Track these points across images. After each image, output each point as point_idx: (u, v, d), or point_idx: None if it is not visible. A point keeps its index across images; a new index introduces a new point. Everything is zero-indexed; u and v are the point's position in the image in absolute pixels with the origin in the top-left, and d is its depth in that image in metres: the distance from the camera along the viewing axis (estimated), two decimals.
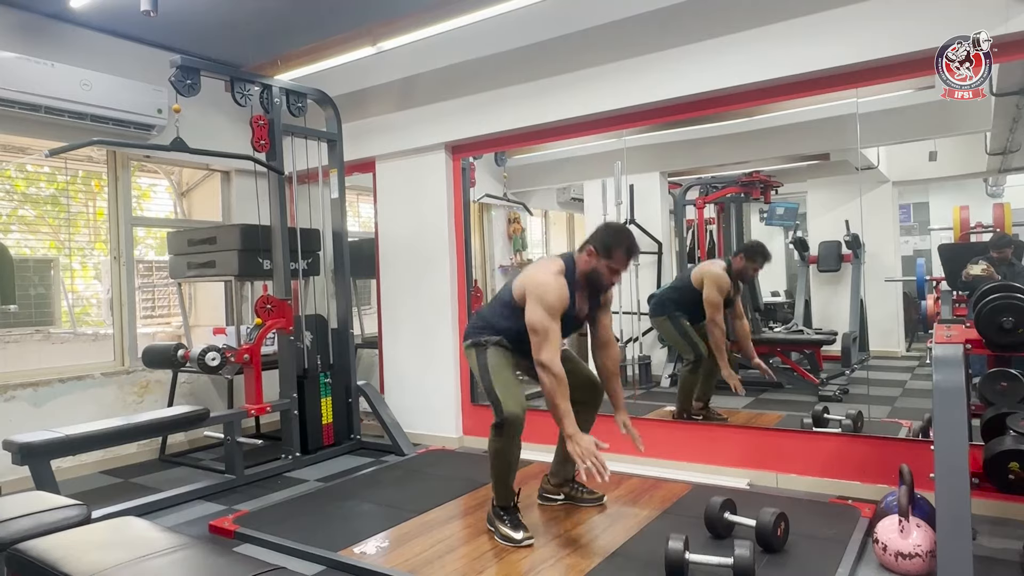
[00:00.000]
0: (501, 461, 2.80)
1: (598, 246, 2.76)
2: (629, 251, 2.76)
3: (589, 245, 2.79)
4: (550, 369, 2.65)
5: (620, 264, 2.76)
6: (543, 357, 2.66)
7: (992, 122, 3.81)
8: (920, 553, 2.38)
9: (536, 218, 6.53)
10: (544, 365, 2.66)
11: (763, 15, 3.43)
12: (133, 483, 4.11)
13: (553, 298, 2.70)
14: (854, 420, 3.60)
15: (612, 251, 2.74)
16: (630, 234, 2.81)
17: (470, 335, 2.98)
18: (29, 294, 4.44)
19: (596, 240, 2.78)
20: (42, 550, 1.91)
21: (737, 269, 4.02)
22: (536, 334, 2.69)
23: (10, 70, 3.84)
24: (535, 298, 2.71)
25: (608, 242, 2.75)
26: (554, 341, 2.69)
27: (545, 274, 2.77)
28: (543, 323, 2.68)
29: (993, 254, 3.86)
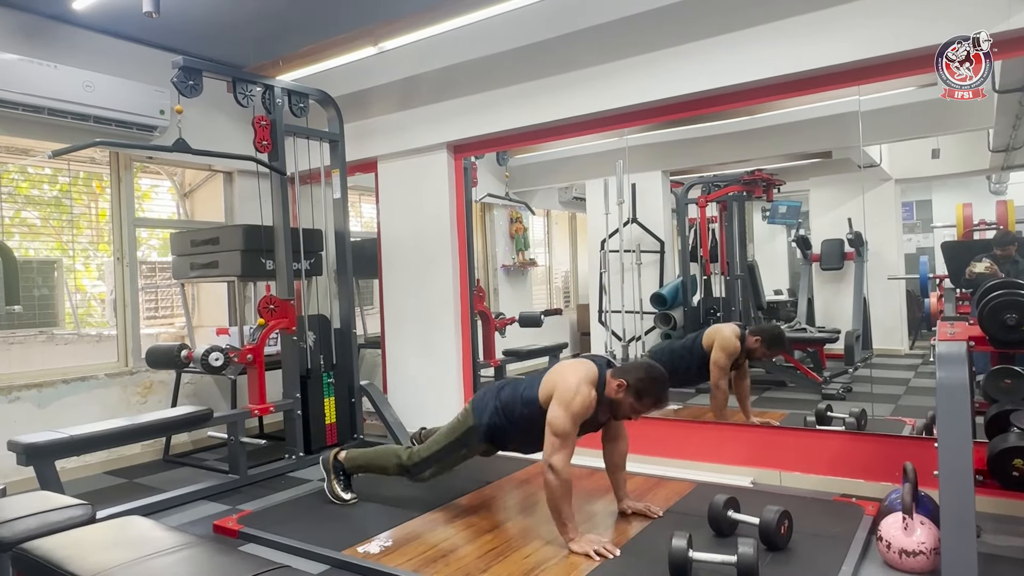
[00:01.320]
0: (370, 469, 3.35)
1: (631, 384, 2.71)
2: (657, 403, 2.73)
3: (623, 378, 2.73)
4: (560, 475, 2.62)
5: (644, 409, 2.72)
6: (556, 461, 2.62)
7: (995, 119, 3.80)
8: (924, 550, 2.38)
9: (538, 217, 6.53)
10: (555, 469, 2.62)
11: (764, 13, 3.42)
12: (137, 483, 4.12)
13: (580, 407, 2.66)
14: (858, 418, 3.60)
15: (642, 397, 2.70)
16: (665, 386, 2.75)
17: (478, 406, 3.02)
18: (33, 295, 4.45)
19: (631, 377, 2.72)
20: (47, 549, 1.92)
21: (749, 347, 3.95)
22: (555, 436, 2.65)
23: (13, 72, 3.85)
24: (563, 402, 2.67)
25: (641, 388, 2.70)
26: (569, 448, 2.66)
27: (578, 380, 2.71)
28: (564, 429, 2.64)
29: (997, 252, 3.85)
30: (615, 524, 2.97)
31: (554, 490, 2.65)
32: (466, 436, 3.04)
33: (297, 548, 2.86)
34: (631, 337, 4.98)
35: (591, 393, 2.70)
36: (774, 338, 3.99)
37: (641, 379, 2.71)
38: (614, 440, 3.03)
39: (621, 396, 2.72)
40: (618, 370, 2.79)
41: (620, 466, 3.06)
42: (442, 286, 4.75)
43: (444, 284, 4.74)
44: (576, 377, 2.72)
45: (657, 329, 5.01)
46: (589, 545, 2.64)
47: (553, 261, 6.73)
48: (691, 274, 5.00)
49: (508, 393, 2.97)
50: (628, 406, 2.73)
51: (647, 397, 2.70)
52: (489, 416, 2.97)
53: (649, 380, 2.72)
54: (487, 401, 3.02)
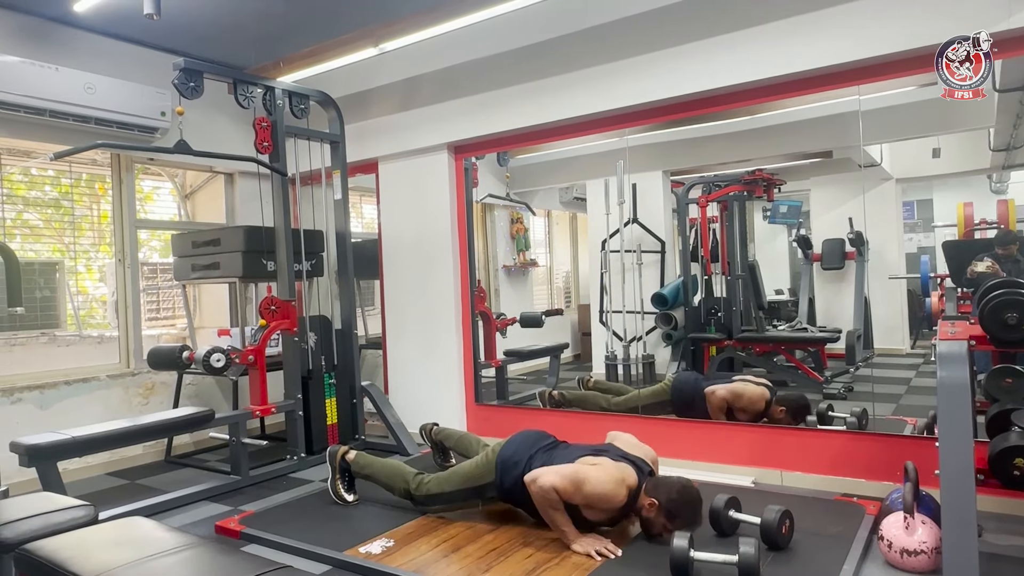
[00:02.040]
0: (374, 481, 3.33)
1: (663, 505, 2.66)
2: (689, 525, 2.62)
3: (655, 498, 2.68)
4: (545, 491, 2.64)
5: (674, 529, 2.57)
6: (543, 481, 2.65)
7: (995, 118, 3.80)
8: (926, 550, 2.38)
9: (539, 218, 6.53)
10: (541, 487, 2.65)
11: (764, 13, 3.42)
12: (139, 484, 4.12)
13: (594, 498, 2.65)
14: (859, 418, 3.60)
15: (674, 519, 2.64)
16: (699, 508, 2.67)
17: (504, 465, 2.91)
18: (35, 297, 4.46)
19: (663, 496, 2.67)
20: (50, 550, 1.92)
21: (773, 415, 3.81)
22: (559, 476, 2.65)
23: (15, 74, 3.86)
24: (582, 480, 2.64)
25: (674, 510, 2.65)
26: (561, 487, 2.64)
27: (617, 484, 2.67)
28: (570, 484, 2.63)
29: (998, 251, 3.84)
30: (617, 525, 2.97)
31: (542, 503, 2.68)
32: (483, 489, 2.99)
33: (299, 549, 2.86)
34: (632, 337, 4.99)
35: (623, 495, 2.68)
36: (799, 409, 3.80)
37: (674, 500, 2.65)
38: None
39: (652, 515, 2.68)
40: (651, 486, 2.72)
41: None
42: (443, 286, 4.75)
43: (445, 284, 4.75)
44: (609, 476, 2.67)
45: (659, 329, 5.02)
46: (591, 545, 2.65)
47: (554, 261, 6.73)
48: (692, 274, 5.00)
49: (539, 463, 2.83)
50: (660, 526, 2.67)
51: (679, 519, 2.63)
52: (512, 482, 2.86)
53: (682, 504, 2.65)
54: (516, 463, 2.88)
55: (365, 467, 3.38)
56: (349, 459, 3.42)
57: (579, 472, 2.67)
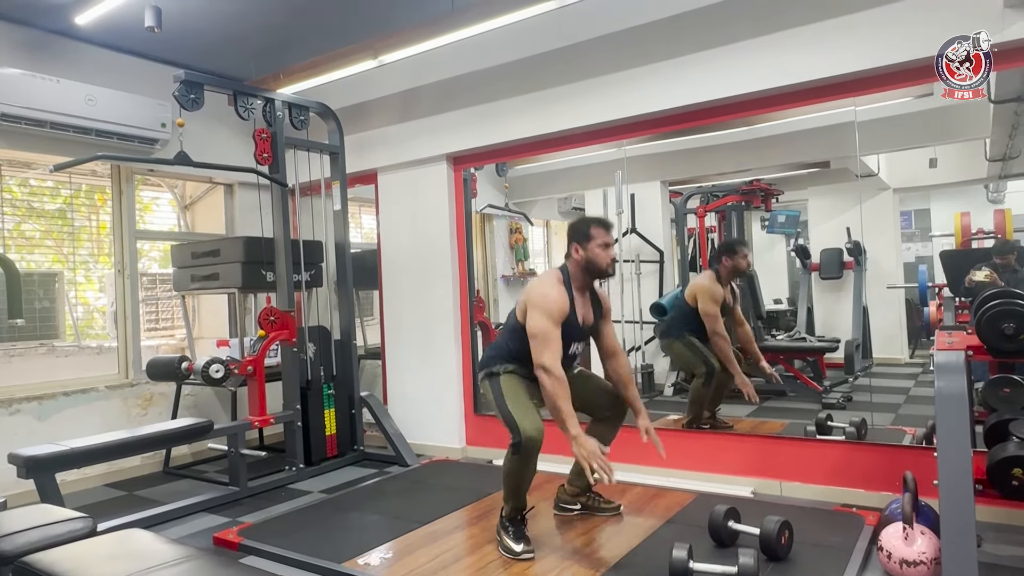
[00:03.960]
0: (514, 480, 2.81)
1: (576, 239, 2.89)
2: (601, 222, 2.90)
3: (571, 245, 2.92)
4: (552, 372, 2.68)
5: (603, 237, 2.87)
6: (544, 361, 2.69)
7: (991, 129, 3.83)
8: (925, 560, 2.38)
9: (538, 228, 6.54)
10: (545, 368, 2.69)
11: (759, 26, 3.45)
12: (137, 496, 4.11)
13: (552, 305, 2.76)
14: (858, 427, 3.60)
15: (588, 232, 2.87)
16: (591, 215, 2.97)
17: (483, 365, 2.99)
18: (34, 307, 4.46)
19: (572, 237, 2.92)
20: (49, 563, 1.92)
21: (727, 271, 4.03)
22: (536, 339, 2.74)
23: (16, 86, 3.88)
24: (535, 307, 2.78)
25: (581, 228, 2.90)
26: (554, 346, 2.72)
27: (543, 284, 2.87)
28: (543, 328, 2.73)
29: (996, 260, 3.86)
30: (617, 535, 2.96)
31: (549, 389, 2.69)
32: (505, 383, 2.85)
33: (298, 560, 2.85)
34: (631, 347, 4.99)
35: (560, 290, 2.83)
36: (729, 246, 4.11)
37: (574, 230, 2.92)
38: (612, 355, 3.08)
39: (582, 252, 2.88)
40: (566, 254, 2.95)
41: (628, 379, 3.06)
42: (442, 297, 4.76)
43: (444, 295, 4.75)
44: (541, 285, 2.87)
45: (657, 339, 5.01)
46: (591, 456, 2.57)
47: None
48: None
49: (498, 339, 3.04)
50: (595, 249, 2.85)
51: (591, 227, 2.87)
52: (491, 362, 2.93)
53: (577, 222, 2.95)
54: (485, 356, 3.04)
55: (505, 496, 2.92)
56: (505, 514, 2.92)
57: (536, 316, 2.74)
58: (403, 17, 3.95)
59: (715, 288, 4.00)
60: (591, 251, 2.86)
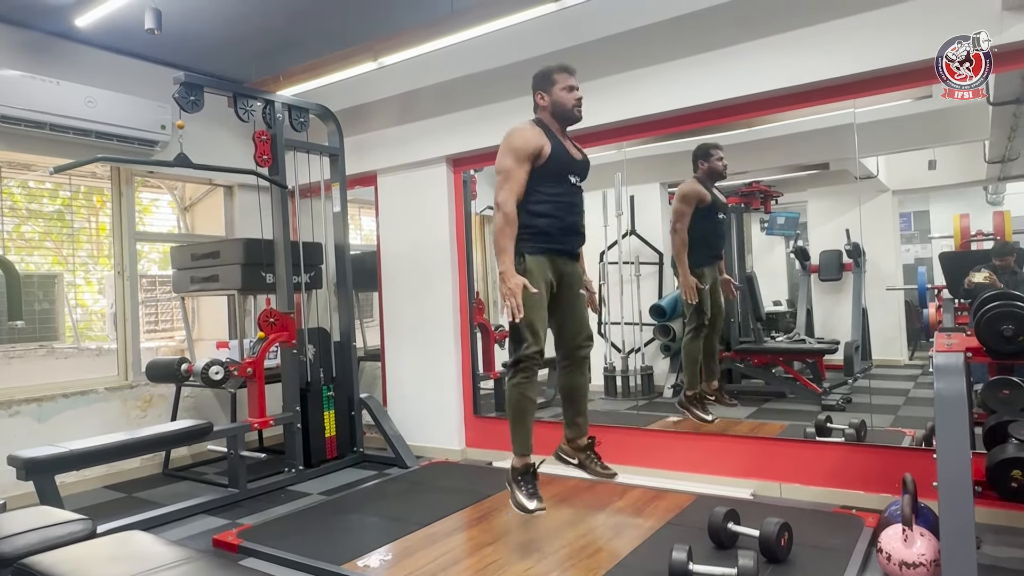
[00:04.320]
0: (518, 407, 2.82)
1: (540, 86, 2.91)
2: (561, 66, 2.90)
3: (536, 94, 2.93)
4: (503, 208, 2.74)
5: (565, 80, 2.87)
6: (499, 197, 2.75)
7: (990, 131, 3.83)
8: (924, 562, 2.38)
9: None
10: (499, 204, 2.75)
11: (759, 28, 3.46)
12: (136, 498, 4.11)
13: (517, 139, 2.79)
14: (857, 429, 3.60)
15: (551, 77, 2.88)
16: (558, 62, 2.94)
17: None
18: (33, 309, 4.46)
19: (535, 87, 2.93)
20: (48, 564, 1.91)
21: (704, 173, 4.05)
22: (499, 175, 2.78)
23: (16, 88, 3.88)
24: (503, 147, 2.81)
25: (543, 76, 2.90)
26: (513, 184, 2.76)
27: (514, 127, 2.87)
28: (504, 165, 2.77)
29: (995, 262, 3.86)
30: (615, 537, 2.96)
31: (497, 224, 2.75)
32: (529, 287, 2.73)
33: (297, 562, 2.85)
34: (630, 349, 4.99)
35: (529, 126, 2.84)
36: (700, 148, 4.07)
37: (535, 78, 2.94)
38: None
39: (548, 99, 2.89)
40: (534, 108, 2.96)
41: None
42: (442, 298, 4.76)
43: (444, 296, 4.75)
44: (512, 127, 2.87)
45: (657, 340, 5.02)
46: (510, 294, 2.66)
47: None
48: None
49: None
50: (559, 94, 2.86)
51: (552, 73, 2.88)
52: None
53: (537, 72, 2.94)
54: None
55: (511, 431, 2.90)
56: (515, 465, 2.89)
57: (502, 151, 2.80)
58: (403, 19, 3.96)
59: (690, 186, 4.03)
60: (555, 95, 2.87)
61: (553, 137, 2.86)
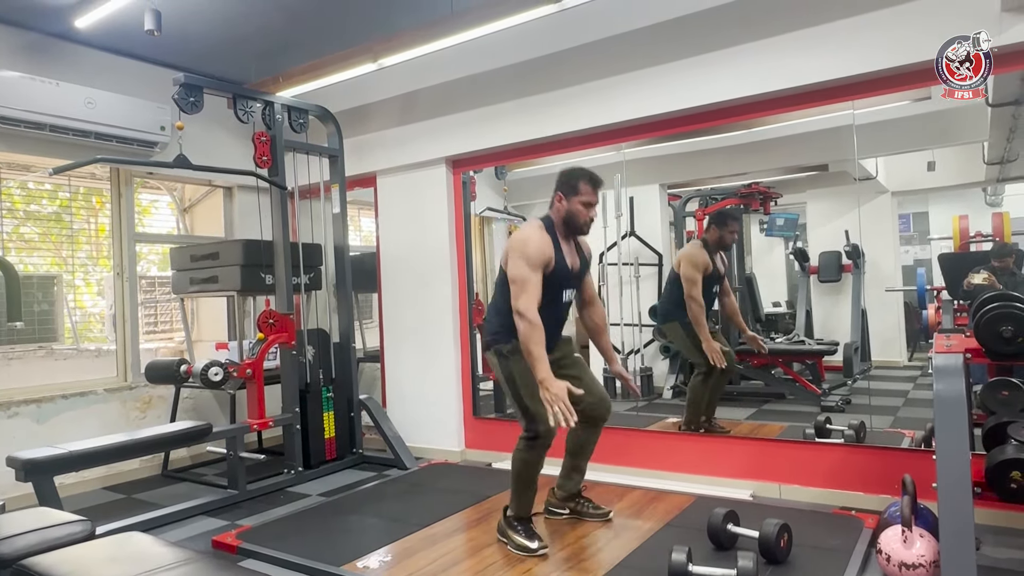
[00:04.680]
0: (528, 474, 2.84)
1: (563, 189, 2.87)
2: (591, 180, 2.86)
3: (556, 193, 2.89)
4: (526, 316, 2.67)
5: (588, 195, 2.85)
6: (520, 305, 2.69)
7: (989, 132, 3.84)
8: (924, 563, 2.38)
9: None
10: (520, 312, 2.69)
11: (758, 29, 3.46)
12: (136, 499, 4.11)
13: (532, 249, 2.75)
14: (856, 430, 3.60)
15: (576, 186, 2.84)
16: (588, 171, 2.89)
17: (490, 340, 2.94)
18: (33, 311, 4.46)
19: (559, 185, 2.89)
20: (47, 566, 1.91)
21: (713, 241, 4.07)
22: (515, 284, 2.73)
23: (15, 89, 3.88)
24: (516, 253, 2.77)
25: (570, 180, 2.86)
26: (531, 290, 2.71)
27: (524, 231, 2.85)
28: (521, 273, 2.72)
29: (994, 263, 3.87)
30: (616, 538, 2.96)
31: (523, 332, 2.68)
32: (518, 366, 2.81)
33: (296, 564, 2.85)
34: (630, 350, 4.99)
35: (541, 235, 2.81)
36: (721, 216, 4.11)
37: (563, 181, 2.88)
38: (590, 303, 3.12)
39: (564, 203, 2.86)
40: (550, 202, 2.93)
41: (602, 328, 3.15)
42: (441, 300, 4.76)
43: (443, 298, 4.75)
44: (522, 232, 2.84)
45: (656, 342, 5.02)
46: (555, 399, 2.56)
47: None
48: None
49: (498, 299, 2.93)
50: (577, 205, 2.83)
51: (579, 181, 2.83)
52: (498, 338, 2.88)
53: (569, 172, 2.89)
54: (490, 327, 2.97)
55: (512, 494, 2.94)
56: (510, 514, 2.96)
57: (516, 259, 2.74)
58: (402, 20, 3.96)
59: (698, 254, 4.04)
60: (573, 205, 2.84)
61: (558, 248, 2.84)
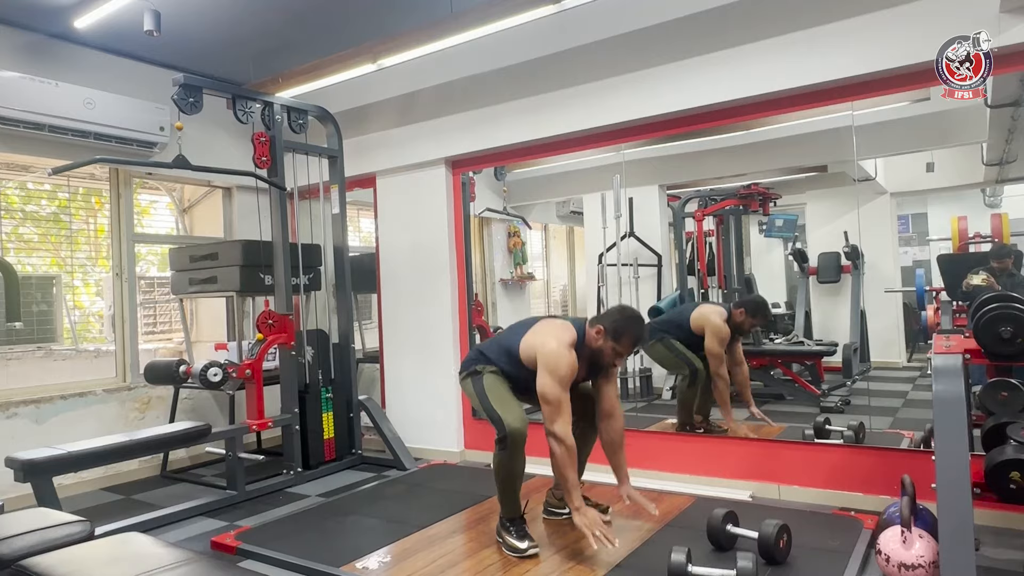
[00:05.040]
0: (506, 475, 2.83)
1: (608, 328, 2.78)
2: (636, 341, 2.80)
3: (600, 324, 2.80)
4: (563, 440, 2.67)
5: (625, 350, 2.80)
6: (556, 429, 2.67)
7: (988, 133, 3.84)
8: (923, 564, 2.38)
9: (536, 232, 6.55)
10: (557, 436, 2.68)
11: (758, 30, 3.46)
12: (135, 500, 4.10)
13: (565, 371, 2.72)
14: (856, 431, 3.60)
15: (621, 337, 2.77)
16: (642, 323, 2.84)
17: (465, 366, 3.00)
18: (32, 311, 4.46)
19: (608, 321, 2.80)
20: (46, 566, 1.91)
21: (736, 322, 3.99)
22: (548, 404, 2.70)
23: (15, 89, 3.88)
24: (548, 369, 2.72)
25: (619, 328, 2.78)
26: (566, 413, 2.70)
27: (559, 345, 2.75)
28: (556, 395, 2.69)
29: (993, 264, 3.87)
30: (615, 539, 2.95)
31: (559, 457, 2.68)
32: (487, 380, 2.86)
33: (295, 564, 2.85)
34: None
35: (572, 356, 2.76)
36: (757, 306, 4.02)
37: (616, 321, 2.80)
38: (609, 416, 2.99)
39: (601, 342, 2.79)
40: (595, 319, 2.86)
41: (619, 445, 3.01)
42: (440, 300, 4.76)
43: (442, 298, 4.75)
44: (556, 341, 2.76)
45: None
46: (592, 525, 2.62)
47: (551, 275, 6.75)
48: (688, 288, 5.01)
49: (487, 348, 2.99)
50: (610, 350, 2.79)
51: (625, 336, 2.78)
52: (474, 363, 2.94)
53: (624, 319, 2.82)
54: (468, 358, 3.03)
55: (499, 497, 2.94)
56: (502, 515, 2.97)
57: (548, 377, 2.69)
58: (402, 21, 3.96)
59: (723, 328, 3.96)
60: (607, 346, 2.78)
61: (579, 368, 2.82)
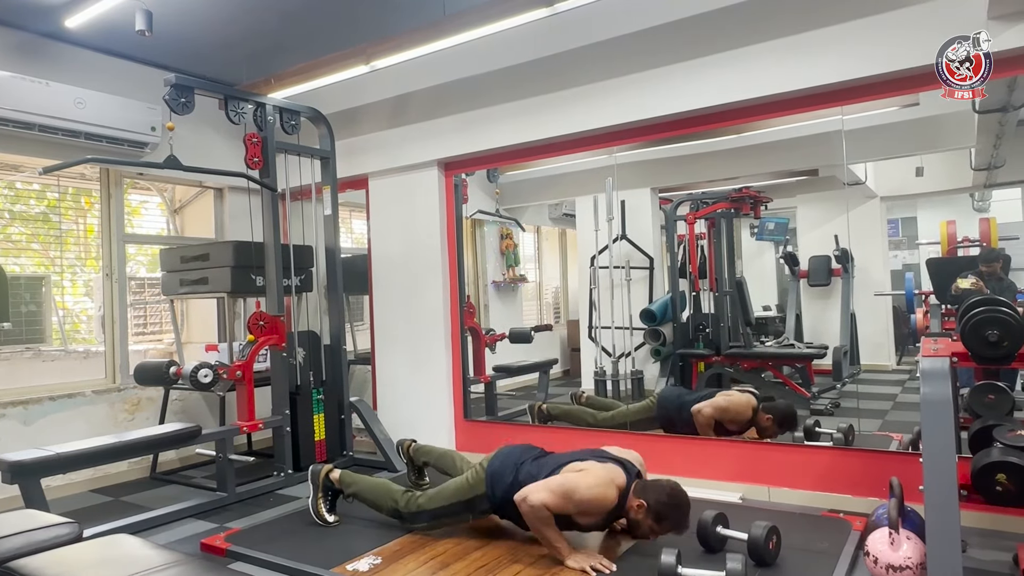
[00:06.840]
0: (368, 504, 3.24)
1: (652, 506, 2.63)
2: (677, 527, 2.64)
3: (644, 499, 2.65)
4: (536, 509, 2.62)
5: (662, 532, 2.66)
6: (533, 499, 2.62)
7: (976, 139, 3.88)
8: (911, 565, 2.39)
9: (528, 234, 6.56)
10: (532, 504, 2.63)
11: (749, 35, 3.49)
12: (124, 501, 4.08)
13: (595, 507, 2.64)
14: (845, 434, 3.63)
15: (663, 521, 2.63)
16: (687, 512, 2.66)
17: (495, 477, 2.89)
18: (20, 311, 4.43)
19: (653, 498, 2.64)
20: (33, 568, 1.90)
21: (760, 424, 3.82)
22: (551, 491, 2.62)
23: (4, 89, 3.85)
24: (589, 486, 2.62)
25: (663, 512, 2.62)
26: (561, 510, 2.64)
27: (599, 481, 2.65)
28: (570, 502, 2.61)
29: (982, 268, 3.91)
30: (604, 540, 2.96)
31: (533, 521, 2.68)
32: (474, 502, 2.95)
33: (285, 566, 2.84)
34: (621, 353, 5.00)
35: (613, 496, 2.65)
36: (786, 418, 3.79)
37: (662, 503, 2.62)
38: None
39: (640, 517, 2.65)
40: (640, 488, 2.70)
41: None
42: (432, 302, 4.76)
43: (434, 300, 4.75)
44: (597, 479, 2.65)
45: (647, 344, 5.04)
46: (585, 561, 2.64)
47: (543, 277, 6.76)
48: (680, 290, 5.03)
49: (527, 473, 2.82)
50: (648, 528, 2.66)
51: (667, 521, 2.62)
52: (504, 492, 2.83)
53: (671, 507, 2.62)
54: (505, 473, 2.87)
55: (351, 485, 3.31)
56: (334, 478, 3.35)
57: (567, 482, 2.65)
58: (395, 23, 3.96)
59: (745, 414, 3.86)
60: (645, 522, 2.65)
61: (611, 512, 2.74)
